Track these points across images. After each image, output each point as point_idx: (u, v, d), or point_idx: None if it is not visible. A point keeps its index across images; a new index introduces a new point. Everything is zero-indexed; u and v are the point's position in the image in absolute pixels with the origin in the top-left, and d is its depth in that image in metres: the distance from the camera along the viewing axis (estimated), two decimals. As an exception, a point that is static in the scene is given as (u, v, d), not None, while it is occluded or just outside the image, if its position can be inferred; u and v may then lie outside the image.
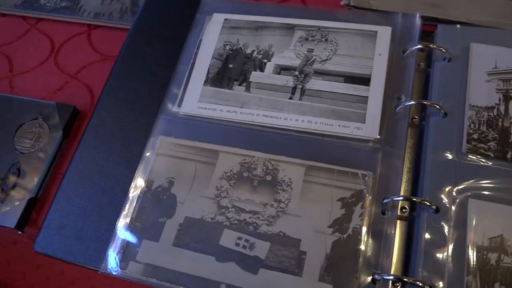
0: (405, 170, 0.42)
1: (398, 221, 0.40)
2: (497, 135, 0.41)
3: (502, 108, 0.42)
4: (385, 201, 0.40)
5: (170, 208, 0.42)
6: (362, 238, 0.38)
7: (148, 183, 0.44)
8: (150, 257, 0.40)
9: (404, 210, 0.40)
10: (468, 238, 0.37)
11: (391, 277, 0.36)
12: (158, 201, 0.43)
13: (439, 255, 0.37)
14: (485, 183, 0.39)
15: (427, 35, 0.49)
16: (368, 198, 0.40)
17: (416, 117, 0.44)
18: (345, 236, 0.39)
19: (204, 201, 0.42)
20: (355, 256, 0.38)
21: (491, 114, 0.42)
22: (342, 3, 0.53)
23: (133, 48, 0.53)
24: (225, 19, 0.52)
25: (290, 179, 0.42)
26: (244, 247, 0.40)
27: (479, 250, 0.36)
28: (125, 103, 0.50)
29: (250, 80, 0.47)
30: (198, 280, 0.39)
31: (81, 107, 0.53)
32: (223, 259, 0.39)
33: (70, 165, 0.47)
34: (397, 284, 0.37)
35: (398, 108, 0.44)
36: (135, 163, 0.46)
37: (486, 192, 0.38)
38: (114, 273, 0.40)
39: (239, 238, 0.40)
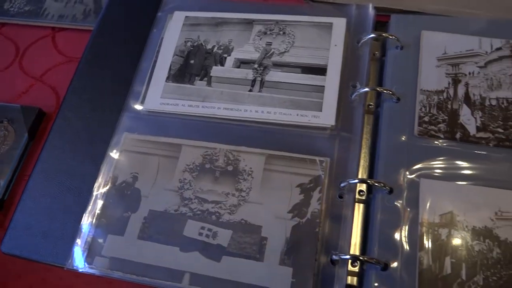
0: (363, 154, 0.43)
1: (357, 204, 0.41)
2: (446, 117, 0.42)
3: (451, 91, 0.44)
4: (342, 184, 0.41)
5: (134, 202, 0.43)
6: (321, 222, 0.40)
7: (113, 179, 0.44)
8: (116, 251, 0.41)
9: (361, 193, 0.41)
10: (420, 216, 0.38)
11: (348, 257, 0.38)
12: (123, 196, 0.43)
13: (393, 234, 0.38)
14: (435, 163, 0.40)
15: (382, 25, 0.51)
16: (326, 182, 0.41)
17: (372, 103, 0.46)
18: (304, 220, 0.40)
19: (167, 194, 0.43)
20: (314, 239, 0.39)
21: (441, 97, 0.44)
22: (301, -3, 0.54)
23: (97, 49, 0.54)
24: (186, 17, 0.53)
25: (251, 168, 0.43)
26: (207, 236, 0.41)
27: (431, 226, 0.38)
28: (90, 102, 0.50)
29: (211, 74, 0.48)
30: (163, 271, 0.39)
31: (47, 109, 0.53)
32: (187, 249, 0.40)
33: (35, 166, 0.48)
34: (356, 264, 0.38)
35: (353, 96, 0.45)
36: (100, 161, 0.46)
37: (436, 171, 0.40)
38: (80, 268, 0.41)
39: (202, 228, 0.41)
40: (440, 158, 0.41)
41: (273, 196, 0.41)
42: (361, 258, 0.37)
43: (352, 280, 0.38)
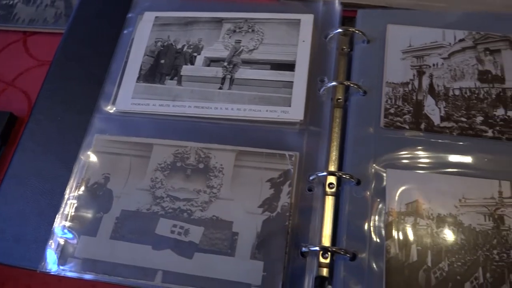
0: (333, 148, 0.44)
1: (328, 197, 0.42)
2: (411, 108, 0.43)
3: (416, 83, 0.45)
4: (310, 177, 0.42)
5: (106, 203, 0.43)
6: (290, 215, 0.40)
7: (85, 181, 0.44)
8: (88, 252, 0.41)
9: (331, 185, 0.42)
10: (387, 206, 0.39)
11: (317, 248, 0.38)
12: (95, 197, 0.43)
13: (361, 224, 0.39)
14: (401, 153, 0.41)
15: (350, 20, 0.51)
16: (295, 176, 0.42)
17: (341, 97, 0.46)
18: (274, 214, 0.40)
19: (139, 193, 0.43)
20: (284, 233, 0.39)
21: (406, 89, 0.44)
22: (270, -5, 0.55)
23: (67, 51, 0.54)
24: (156, 17, 0.53)
25: (221, 165, 0.43)
26: (179, 233, 0.41)
27: (397, 215, 0.38)
28: (61, 105, 0.50)
29: (181, 74, 0.49)
30: (136, 270, 0.40)
31: (19, 113, 0.53)
32: (159, 247, 0.40)
33: (8, 170, 0.48)
34: (327, 255, 0.39)
35: (321, 90, 0.46)
36: (72, 163, 0.46)
37: (403, 162, 0.41)
38: (52, 271, 0.41)
39: (174, 226, 0.41)
40: (406, 149, 0.41)
41: (243, 191, 0.42)
42: (329, 249, 0.38)
43: (323, 271, 0.39)
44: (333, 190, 0.42)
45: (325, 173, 0.41)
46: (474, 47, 0.46)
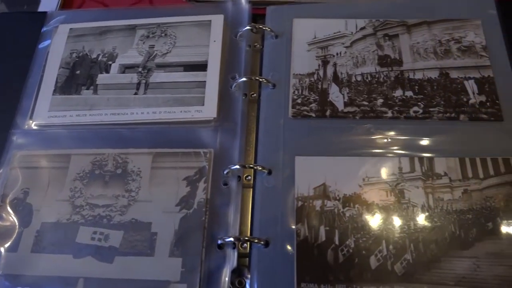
0: (249, 141, 0.45)
1: (245, 189, 0.43)
2: (317, 97, 0.45)
3: (321, 72, 0.47)
4: (225, 172, 0.43)
5: (26, 217, 0.43)
6: (207, 210, 0.41)
7: (3, 197, 0.44)
8: (10, 268, 0.41)
9: (248, 178, 0.43)
10: (296, 191, 0.41)
11: (231, 239, 0.39)
12: (15, 213, 0.43)
13: (273, 212, 0.40)
14: (309, 140, 0.43)
15: (261, 17, 0.53)
16: (210, 172, 0.43)
17: (254, 93, 0.48)
18: (191, 211, 0.41)
19: (59, 204, 0.43)
20: (201, 228, 0.41)
21: (312, 79, 0.46)
22: (185, -1, 0.56)
23: (-16, 69, 0.53)
24: (70, 29, 0.53)
25: (139, 168, 0.44)
26: (99, 240, 0.41)
27: (306, 200, 0.40)
28: (-21, 124, 0.50)
29: (97, 83, 0.49)
30: (57, 280, 0.40)
31: None
32: (80, 255, 0.41)
33: None
34: (245, 245, 0.40)
35: (233, 87, 0.47)
36: (-9, 182, 0.46)
37: (310, 148, 0.43)
38: (-26, 290, 0.41)
39: (94, 232, 0.42)
40: (313, 136, 0.43)
41: (161, 192, 0.43)
42: (241, 238, 0.39)
43: (245, 261, 0.40)
44: (250, 182, 0.43)
45: (237, 166, 0.42)
46: (374, 34, 0.48)
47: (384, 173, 0.41)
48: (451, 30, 0.47)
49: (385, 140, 0.42)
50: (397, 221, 0.39)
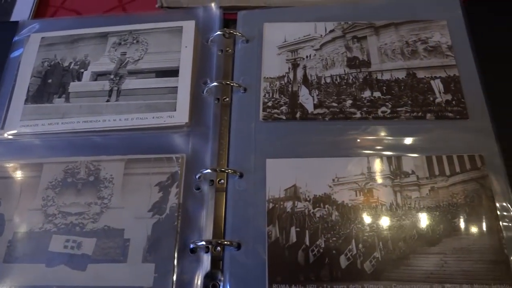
0: (222, 145, 0.46)
1: (218, 193, 0.43)
2: (287, 99, 0.46)
3: (291, 75, 0.47)
4: (196, 176, 0.43)
5: (-2, 227, 0.43)
6: (179, 215, 0.41)
7: (-25, 209, 0.44)
8: (-18, 280, 0.41)
9: (221, 182, 0.43)
10: (267, 194, 0.41)
11: (203, 243, 0.40)
12: (-13, 224, 0.43)
13: (245, 214, 0.41)
14: (279, 143, 0.43)
15: (234, 22, 0.54)
16: (182, 177, 0.43)
17: (227, 97, 0.48)
18: (163, 216, 0.42)
19: (31, 214, 0.43)
20: (174, 233, 0.41)
21: (282, 82, 0.47)
22: (157, 5, 0.56)
23: (-46, 81, 0.53)
24: (42, 38, 0.53)
25: (111, 175, 0.44)
26: (72, 248, 0.41)
27: (277, 202, 0.41)
28: (-50, 136, 0.49)
29: (69, 91, 0.49)
30: (30, 290, 0.40)
31: None
32: (53, 264, 0.41)
33: None
34: (219, 248, 0.40)
35: (204, 92, 0.48)
36: (-37, 193, 0.46)
37: (280, 151, 0.43)
38: None
39: (67, 241, 0.42)
40: (284, 138, 0.44)
41: (133, 198, 0.43)
42: (212, 242, 0.39)
43: (219, 265, 0.40)
44: (223, 185, 0.43)
45: (208, 170, 0.42)
46: (343, 36, 0.49)
47: (353, 173, 0.41)
48: (417, 31, 0.48)
49: (354, 141, 0.43)
50: (366, 220, 0.39)
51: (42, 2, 0.59)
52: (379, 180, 0.41)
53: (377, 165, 0.41)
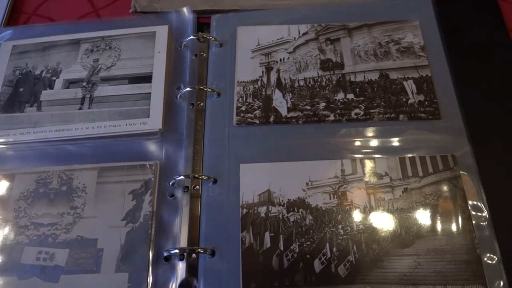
0: (197, 151, 0.45)
1: (193, 199, 0.43)
2: (261, 103, 0.45)
3: (265, 79, 0.47)
4: (170, 183, 0.43)
5: (-31, 241, 0.42)
6: (152, 223, 0.41)
7: None
8: (-48, 295, 0.40)
9: (196, 188, 0.43)
10: (241, 199, 0.41)
11: (176, 251, 0.39)
12: (-43, 237, 0.42)
13: (218, 221, 0.40)
14: (253, 147, 0.43)
15: (208, 26, 0.53)
16: (156, 185, 0.43)
17: (201, 102, 0.48)
18: (137, 225, 0.41)
19: (3, 226, 0.42)
20: (148, 241, 0.40)
21: (256, 86, 0.47)
22: (130, 10, 0.55)
23: None
24: (13, 46, 0.52)
25: (84, 184, 0.44)
26: (44, 259, 0.41)
27: (250, 207, 0.40)
28: None
29: (41, 99, 0.49)
30: (1, 303, 0.39)
31: None
32: (25, 277, 0.40)
33: None
34: (194, 255, 0.40)
35: (178, 97, 0.47)
36: None
37: (254, 155, 0.43)
38: None
39: (39, 252, 0.41)
40: (257, 143, 0.43)
41: (107, 207, 0.42)
42: (186, 249, 0.39)
43: (194, 272, 0.40)
44: (199, 192, 0.43)
45: (181, 177, 0.42)
46: (317, 38, 0.49)
47: (327, 176, 0.41)
48: (390, 32, 0.48)
49: (328, 144, 0.43)
50: (340, 223, 0.39)
51: (14, 9, 0.59)
52: (353, 183, 0.41)
53: (351, 168, 0.41)
